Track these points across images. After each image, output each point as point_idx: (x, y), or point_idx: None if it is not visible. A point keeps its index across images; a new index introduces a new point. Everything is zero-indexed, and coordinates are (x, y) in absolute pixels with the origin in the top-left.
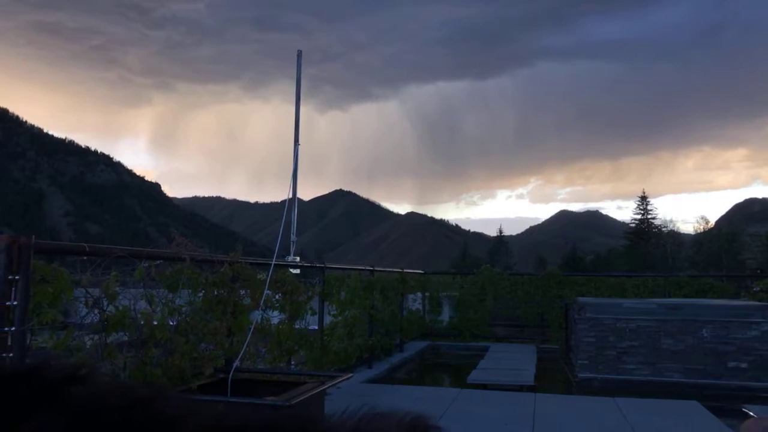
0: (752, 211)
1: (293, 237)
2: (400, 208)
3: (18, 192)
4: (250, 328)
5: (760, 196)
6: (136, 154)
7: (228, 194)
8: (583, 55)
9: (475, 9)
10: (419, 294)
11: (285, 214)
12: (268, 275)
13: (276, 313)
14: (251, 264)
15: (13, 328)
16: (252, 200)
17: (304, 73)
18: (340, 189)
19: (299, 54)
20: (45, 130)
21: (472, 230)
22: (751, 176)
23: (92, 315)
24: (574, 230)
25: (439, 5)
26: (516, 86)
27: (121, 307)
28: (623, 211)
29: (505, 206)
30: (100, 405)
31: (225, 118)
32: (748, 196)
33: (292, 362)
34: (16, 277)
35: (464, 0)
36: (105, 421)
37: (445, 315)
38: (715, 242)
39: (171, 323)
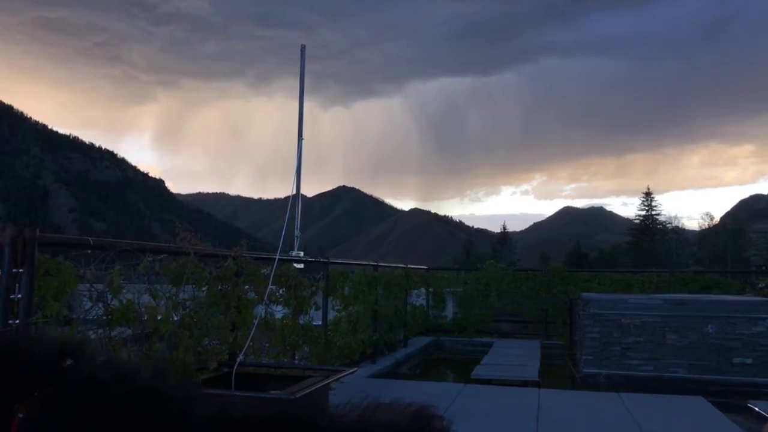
0: (757, 208)
1: (297, 232)
2: (404, 204)
3: (23, 188)
4: (254, 323)
5: (765, 193)
6: (141, 151)
7: (232, 191)
8: (588, 51)
9: (480, 5)
10: (423, 290)
11: (289, 209)
12: (272, 270)
13: (280, 307)
14: (255, 259)
15: (17, 321)
16: (256, 196)
17: (307, 70)
18: (344, 185)
19: (302, 48)
20: (50, 127)
21: (476, 226)
22: (757, 172)
23: (96, 309)
24: (578, 226)
25: (443, 1)
26: (520, 82)
27: (125, 301)
28: (628, 208)
29: (509, 202)
30: (91, 389)
31: (229, 114)
32: (754, 192)
33: (296, 357)
34: (20, 271)
35: None
36: (99, 408)
37: (449, 311)
38: (720, 238)
39: (175, 317)
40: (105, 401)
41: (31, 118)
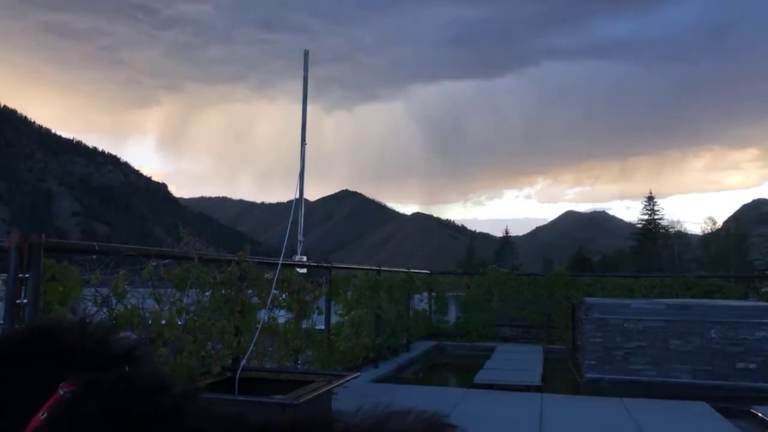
0: (761, 212)
1: (300, 237)
2: (407, 208)
3: (26, 192)
4: (258, 327)
5: None
6: (144, 155)
7: (235, 194)
8: (591, 55)
9: (482, 9)
10: (426, 294)
11: (292, 213)
12: (275, 274)
13: (283, 312)
14: (259, 263)
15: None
16: (258, 200)
17: (310, 74)
18: (346, 189)
19: (306, 54)
20: (53, 131)
21: (478, 230)
22: (761, 176)
23: (101, 313)
24: (580, 231)
25: (446, 6)
26: (523, 86)
27: (129, 306)
28: (631, 212)
29: (512, 206)
30: (128, 392)
31: (232, 118)
32: (758, 197)
33: (299, 361)
34: (27, 276)
35: (471, 0)
36: (129, 413)
37: (452, 315)
38: (723, 243)
39: (179, 322)
40: (138, 408)
41: (34, 122)
